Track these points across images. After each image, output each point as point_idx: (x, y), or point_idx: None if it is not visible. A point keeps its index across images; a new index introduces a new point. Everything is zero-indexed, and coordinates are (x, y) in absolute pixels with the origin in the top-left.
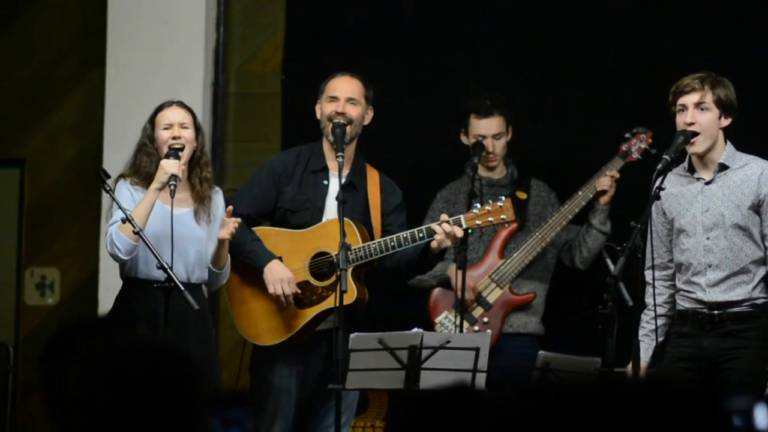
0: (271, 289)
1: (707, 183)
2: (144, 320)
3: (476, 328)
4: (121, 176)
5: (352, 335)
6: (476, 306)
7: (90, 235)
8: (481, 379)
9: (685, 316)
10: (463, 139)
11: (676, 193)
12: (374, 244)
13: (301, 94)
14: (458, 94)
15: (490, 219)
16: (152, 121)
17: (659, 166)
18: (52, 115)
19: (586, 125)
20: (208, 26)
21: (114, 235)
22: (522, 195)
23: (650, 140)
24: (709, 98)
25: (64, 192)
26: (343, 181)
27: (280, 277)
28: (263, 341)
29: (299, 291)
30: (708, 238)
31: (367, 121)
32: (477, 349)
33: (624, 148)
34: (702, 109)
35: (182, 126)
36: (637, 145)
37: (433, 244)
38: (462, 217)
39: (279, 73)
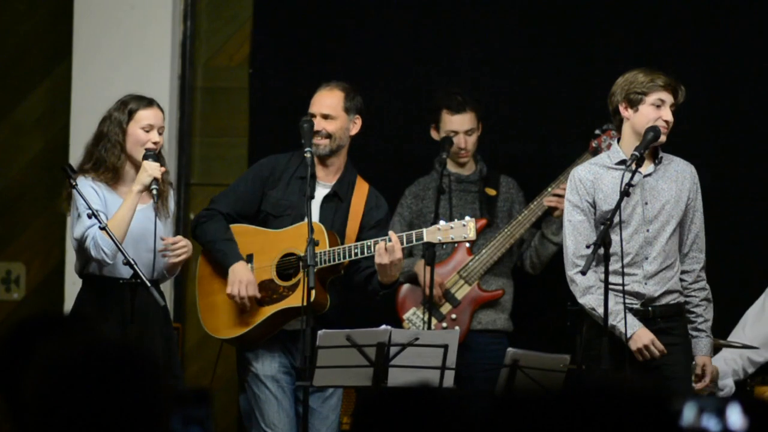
0: (229, 290)
1: (645, 176)
2: (113, 318)
3: (444, 324)
4: (82, 172)
5: (320, 332)
6: (444, 302)
7: (55, 228)
8: (449, 377)
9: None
10: (434, 134)
11: (610, 183)
12: (338, 249)
13: (269, 89)
14: (428, 88)
15: (451, 236)
16: (130, 115)
17: (628, 162)
18: (17, 107)
19: (556, 121)
20: (174, 19)
21: (101, 241)
22: (491, 191)
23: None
24: (673, 100)
25: (29, 185)
26: (328, 188)
27: (239, 279)
28: (221, 334)
29: (258, 295)
30: (648, 230)
31: (354, 131)
32: (445, 347)
33: (594, 144)
34: (671, 109)
35: (160, 130)
36: (607, 141)
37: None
38: (425, 230)
39: (246, 67)
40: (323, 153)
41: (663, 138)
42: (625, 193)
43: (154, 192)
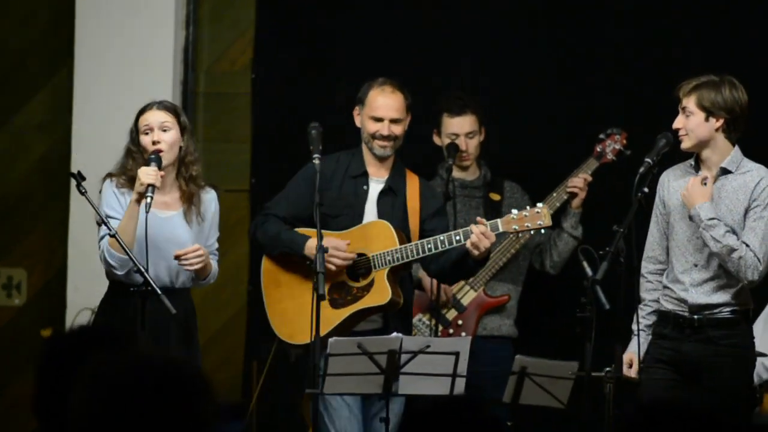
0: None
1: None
2: (127, 326)
3: (451, 330)
4: (109, 175)
5: (330, 340)
6: (450, 308)
7: (57, 234)
8: (460, 384)
9: (667, 318)
10: (436, 140)
11: (677, 188)
12: (411, 246)
13: (272, 94)
14: (431, 94)
15: (527, 224)
16: (135, 124)
17: (641, 170)
18: (19, 112)
19: (560, 126)
20: (177, 24)
21: (106, 252)
22: (495, 196)
23: (625, 141)
24: (689, 103)
25: (30, 191)
26: (382, 184)
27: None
28: (297, 340)
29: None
30: (698, 237)
31: (406, 126)
32: (457, 354)
33: (598, 149)
34: (687, 114)
35: (162, 128)
36: (612, 146)
37: (468, 244)
38: (499, 221)
39: (249, 72)
40: (388, 155)
41: (683, 144)
42: (638, 201)
43: (149, 200)
